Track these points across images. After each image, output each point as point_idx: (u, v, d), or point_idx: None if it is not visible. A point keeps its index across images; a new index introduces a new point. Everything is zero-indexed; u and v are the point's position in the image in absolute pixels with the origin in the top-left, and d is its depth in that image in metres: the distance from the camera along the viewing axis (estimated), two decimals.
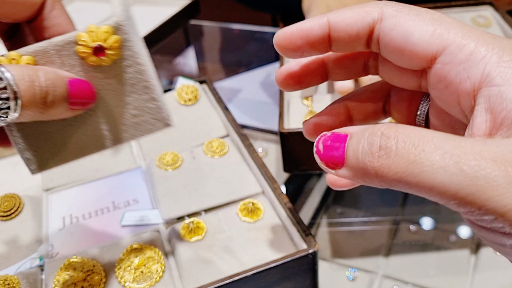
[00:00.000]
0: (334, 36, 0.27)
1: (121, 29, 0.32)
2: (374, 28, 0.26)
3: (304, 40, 0.27)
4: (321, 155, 0.24)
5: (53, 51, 0.31)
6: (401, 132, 0.21)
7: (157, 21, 0.91)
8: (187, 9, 0.97)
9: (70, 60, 0.32)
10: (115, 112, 0.34)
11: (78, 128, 0.34)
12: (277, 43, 0.28)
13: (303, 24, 0.27)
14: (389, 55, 0.26)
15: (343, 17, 0.26)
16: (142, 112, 0.34)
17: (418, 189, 0.20)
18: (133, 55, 0.32)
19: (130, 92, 0.33)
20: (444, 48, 0.23)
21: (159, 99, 0.34)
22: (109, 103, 0.33)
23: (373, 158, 0.21)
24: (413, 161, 0.20)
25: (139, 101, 0.34)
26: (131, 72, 0.33)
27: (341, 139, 0.23)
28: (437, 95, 0.25)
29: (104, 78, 0.33)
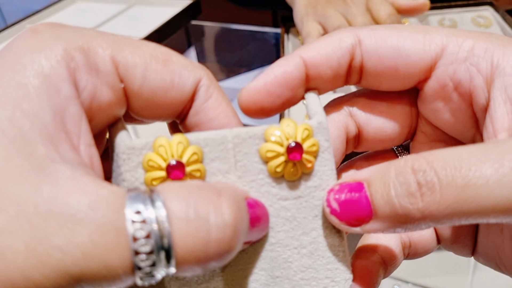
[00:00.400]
0: (313, 73, 0.24)
1: (322, 133, 0.24)
2: (354, 54, 0.24)
3: (284, 87, 0.24)
4: (339, 215, 0.21)
5: (231, 144, 0.23)
6: (434, 160, 0.18)
7: (158, 22, 0.91)
8: (188, 9, 0.97)
9: (246, 161, 0.23)
10: (281, 257, 0.24)
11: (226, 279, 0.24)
12: (247, 101, 0.24)
13: (275, 71, 0.24)
14: (377, 79, 0.24)
15: (317, 50, 0.24)
16: (317, 261, 0.24)
17: (477, 215, 0.18)
18: (326, 172, 0.24)
19: (309, 228, 0.24)
20: (442, 49, 0.22)
21: (345, 247, 0.24)
22: (277, 239, 0.24)
23: (416, 199, 0.18)
24: (463, 186, 0.17)
25: (317, 244, 0.24)
26: (319, 198, 0.24)
27: (356, 189, 0.20)
28: (436, 108, 0.24)
29: (281, 200, 0.24)
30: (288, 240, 0.24)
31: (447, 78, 0.22)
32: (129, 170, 0.22)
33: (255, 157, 0.23)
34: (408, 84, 0.24)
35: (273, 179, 0.23)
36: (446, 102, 0.23)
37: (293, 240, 0.24)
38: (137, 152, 0.22)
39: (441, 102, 0.23)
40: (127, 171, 0.22)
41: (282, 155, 0.23)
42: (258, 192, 0.23)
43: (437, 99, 0.23)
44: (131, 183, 0.22)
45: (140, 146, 0.22)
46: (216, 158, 0.23)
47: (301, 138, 0.23)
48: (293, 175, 0.23)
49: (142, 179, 0.22)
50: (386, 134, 0.26)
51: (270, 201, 0.24)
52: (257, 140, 0.23)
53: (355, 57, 0.24)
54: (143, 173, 0.22)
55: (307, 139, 0.23)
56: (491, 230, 0.25)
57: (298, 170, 0.23)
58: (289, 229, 0.24)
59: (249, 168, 0.23)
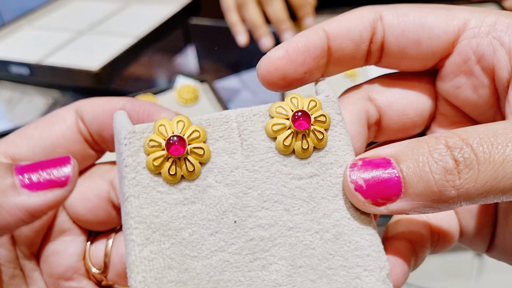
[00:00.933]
0: (335, 45, 0.23)
1: (331, 107, 0.23)
2: (376, 28, 0.23)
3: (307, 55, 0.23)
4: (365, 192, 0.20)
5: (235, 123, 0.22)
6: (469, 136, 0.18)
7: (157, 20, 0.90)
8: (187, 7, 0.97)
9: (252, 139, 0.22)
10: (301, 243, 0.21)
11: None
12: (268, 68, 0.23)
13: (296, 39, 0.23)
14: (399, 55, 0.24)
15: (340, 23, 0.23)
16: (344, 247, 0.21)
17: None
18: (341, 147, 0.22)
19: (330, 209, 0.22)
20: (464, 24, 0.22)
21: (376, 229, 0.22)
22: (295, 223, 0.22)
23: (453, 176, 0.18)
24: (502, 162, 0.17)
25: (341, 227, 0.22)
26: (337, 175, 0.22)
27: (383, 165, 0.19)
28: (457, 85, 0.23)
29: (295, 179, 0.22)
30: (307, 224, 0.21)
31: (470, 52, 0.22)
32: (131, 155, 0.22)
33: (261, 135, 0.22)
34: (430, 62, 0.24)
35: (283, 157, 0.22)
36: (468, 77, 0.23)
37: (313, 223, 0.21)
38: (138, 136, 0.22)
39: (463, 77, 0.23)
40: (129, 156, 0.22)
41: (289, 128, 0.22)
42: (269, 172, 0.22)
43: (459, 74, 0.23)
44: (133, 168, 0.21)
45: (141, 130, 0.22)
46: (220, 138, 0.22)
47: (307, 108, 0.22)
48: (304, 150, 0.22)
49: (144, 163, 0.22)
50: (409, 118, 0.25)
51: (283, 181, 0.22)
52: (262, 117, 0.22)
53: (377, 31, 0.23)
54: (144, 157, 0.22)
55: (315, 110, 0.22)
56: (510, 222, 0.24)
57: (308, 144, 0.22)
58: (307, 211, 0.22)
59: (256, 146, 0.22)
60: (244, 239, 0.21)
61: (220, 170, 0.22)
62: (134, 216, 0.21)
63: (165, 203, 0.22)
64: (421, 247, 0.25)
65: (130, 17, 0.96)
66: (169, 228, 0.21)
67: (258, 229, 0.21)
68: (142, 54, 0.86)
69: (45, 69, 0.78)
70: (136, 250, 0.21)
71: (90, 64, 0.76)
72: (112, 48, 0.81)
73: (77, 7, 1.02)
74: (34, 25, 0.94)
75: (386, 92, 0.25)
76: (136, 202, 0.21)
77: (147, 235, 0.21)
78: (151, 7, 0.99)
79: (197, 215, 0.21)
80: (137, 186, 0.21)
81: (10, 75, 0.81)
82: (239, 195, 0.22)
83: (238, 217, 0.22)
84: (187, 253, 0.21)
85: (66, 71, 0.77)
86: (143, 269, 0.21)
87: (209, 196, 0.22)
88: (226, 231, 0.21)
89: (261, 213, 0.22)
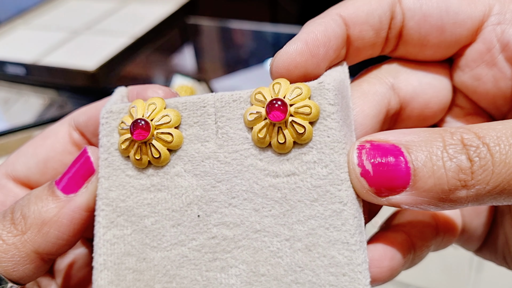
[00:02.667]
0: (355, 33, 0.21)
1: (324, 96, 0.19)
2: (394, 12, 0.21)
3: (328, 47, 0.20)
4: (371, 179, 0.18)
5: (212, 108, 0.20)
6: (486, 135, 0.17)
7: (155, 19, 0.89)
8: (185, 6, 0.96)
9: (228, 127, 0.20)
10: (267, 249, 0.19)
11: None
12: (287, 66, 0.19)
13: (314, 30, 0.20)
14: (418, 43, 0.21)
15: (356, 7, 0.21)
16: (316, 260, 0.19)
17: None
18: (329, 145, 0.19)
19: (306, 216, 0.19)
20: (489, 9, 0.21)
21: (356, 245, 0.18)
22: (263, 226, 0.19)
23: (466, 175, 0.17)
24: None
25: (316, 237, 0.19)
26: (319, 177, 0.19)
27: (392, 152, 0.18)
28: (477, 76, 0.22)
29: (269, 176, 0.19)
30: (277, 228, 0.19)
31: (494, 39, 0.21)
32: (106, 134, 0.21)
33: (239, 124, 0.20)
34: (451, 50, 0.22)
35: (260, 150, 0.19)
36: (490, 68, 0.21)
37: (284, 228, 0.19)
38: (114, 116, 0.21)
39: (484, 67, 0.21)
40: (104, 135, 0.21)
41: (265, 118, 0.19)
42: (242, 166, 0.19)
43: (481, 64, 0.21)
44: (106, 149, 0.21)
45: (118, 110, 0.21)
46: (195, 124, 0.20)
47: (289, 97, 0.19)
48: (279, 145, 0.19)
49: (116, 145, 0.21)
50: (432, 111, 0.23)
51: (256, 177, 0.19)
52: (242, 104, 0.20)
53: (395, 15, 0.21)
54: (118, 138, 0.21)
55: (298, 99, 0.19)
56: (505, 222, 0.24)
57: (285, 138, 0.19)
58: (279, 214, 0.19)
59: (231, 136, 0.20)
60: (206, 236, 0.20)
61: (191, 158, 0.20)
62: (102, 197, 0.21)
63: (132, 187, 0.21)
64: (422, 245, 0.23)
65: (127, 17, 0.95)
66: (133, 214, 0.21)
67: (222, 227, 0.20)
68: (139, 54, 0.86)
69: (41, 69, 0.78)
70: (101, 232, 0.21)
71: (86, 64, 0.76)
72: (109, 47, 0.81)
73: (73, 7, 1.02)
74: (30, 25, 0.94)
75: (412, 80, 0.22)
76: (105, 183, 0.21)
77: (112, 218, 0.21)
78: (148, 6, 0.98)
79: (161, 204, 0.20)
80: (108, 168, 0.21)
81: (6, 75, 0.80)
82: (207, 188, 0.20)
83: (203, 211, 0.20)
84: (147, 242, 0.20)
85: (62, 71, 0.76)
86: (104, 252, 0.20)
87: (175, 185, 0.20)
88: (188, 225, 0.20)
89: (228, 210, 0.20)
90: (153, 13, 0.93)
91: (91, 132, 0.24)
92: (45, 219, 0.20)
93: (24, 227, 0.20)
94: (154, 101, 0.21)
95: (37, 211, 0.20)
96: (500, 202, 0.17)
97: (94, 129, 0.24)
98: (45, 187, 0.21)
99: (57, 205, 0.20)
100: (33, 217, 0.20)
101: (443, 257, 0.54)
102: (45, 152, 0.24)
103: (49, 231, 0.20)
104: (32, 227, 0.20)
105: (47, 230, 0.20)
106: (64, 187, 0.20)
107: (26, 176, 0.24)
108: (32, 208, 0.20)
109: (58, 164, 0.24)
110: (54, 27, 0.92)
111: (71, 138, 0.24)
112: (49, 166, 0.24)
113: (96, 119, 0.23)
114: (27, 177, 0.24)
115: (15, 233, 0.20)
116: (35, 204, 0.20)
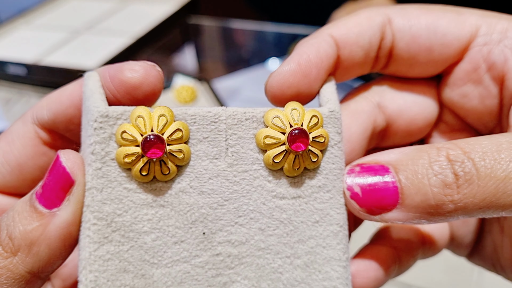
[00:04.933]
0: (345, 54, 0.22)
1: (334, 124, 0.20)
2: (384, 33, 0.22)
3: (320, 68, 0.21)
4: (360, 200, 0.19)
5: (224, 125, 0.20)
6: (471, 150, 0.17)
7: (156, 19, 0.89)
8: (186, 6, 0.96)
9: (239, 147, 0.20)
10: (269, 265, 0.20)
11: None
12: (280, 87, 0.21)
13: (306, 50, 0.21)
14: (408, 62, 0.22)
15: (347, 28, 0.21)
16: (312, 275, 0.20)
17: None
18: (333, 171, 0.20)
19: (307, 236, 0.20)
20: (476, 30, 0.21)
21: (348, 262, 0.21)
22: (267, 244, 0.20)
23: (452, 190, 0.17)
24: (504, 178, 0.16)
25: (314, 255, 0.20)
26: (322, 201, 0.20)
27: (381, 172, 0.19)
28: (464, 93, 0.22)
29: (276, 198, 0.20)
30: (280, 247, 0.20)
31: (481, 59, 0.21)
32: (100, 142, 0.19)
33: (250, 144, 0.20)
34: (438, 69, 0.23)
35: (269, 172, 0.20)
36: (476, 86, 0.22)
37: (286, 247, 0.20)
38: (111, 122, 0.19)
39: (471, 86, 0.22)
40: (98, 142, 0.19)
41: (283, 144, 0.19)
42: (251, 186, 0.20)
43: (468, 82, 0.22)
44: (100, 158, 0.19)
45: (115, 115, 0.19)
46: (204, 140, 0.20)
47: (307, 125, 0.19)
48: (294, 170, 0.20)
49: (113, 154, 0.19)
50: (418, 127, 0.24)
51: (264, 197, 0.20)
52: (255, 124, 0.20)
53: (386, 36, 0.22)
54: (115, 147, 0.19)
55: (315, 128, 0.20)
56: (493, 229, 0.24)
57: (300, 164, 0.20)
58: (282, 234, 0.20)
59: (242, 155, 0.20)
60: (210, 253, 0.20)
61: (198, 175, 0.20)
62: (94, 210, 0.19)
63: (131, 202, 0.19)
64: (408, 255, 0.24)
65: (128, 17, 0.95)
66: (131, 229, 0.19)
67: (227, 245, 0.20)
68: (140, 54, 0.86)
69: (42, 69, 0.78)
70: (91, 247, 0.19)
71: (87, 63, 0.76)
72: (110, 47, 0.81)
73: (74, 7, 1.02)
74: (31, 25, 0.94)
75: (397, 99, 0.23)
76: (98, 196, 0.19)
77: (105, 233, 0.19)
78: (149, 6, 0.98)
79: (164, 220, 0.20)
80: (101, 179, 0.19)
81: (7, 75, 0.80)
82: (214, 206, 0.20)
83: (208, 229, 0.20)
84: (146, 258, 0.19)
85: (63, 71, 0.76)
86: (96, 268, 0.19)
87: (180, 202, 0.20)
88: (192, 242, 0.20)
89: (234, 229, 0.20)
90: (154, 13, 0.92)
91: (61, 129, 0.23)
92: (33, 239, 0.18)
93: (13, 248, 0.18)
94: (164, 112, 0.19)
95: (23, 231, 0.18)
96: (489, 215, 0.17)
97: (65, 125, 0.22)
98: (27, 202, 0.19)
99: (42, 222, 0.18)
100: (20, 238, 0.18)
101: (446, 257, 0.54)
102: (16, 159, 0.22)
103: (39, 250, 0.19)
104: (21, 249, 0.18)
105: (37, 249, 0.18)
106: (45, 201, 0.19)
107: (3, 185, 0.23)
108: (17, 228, 0.18)
109: (33, 168, 0.23)
110: (55, 27, 0.92)
111: (39, 137, 0.22)
112: (25, 172, 0.22)
113: (64, 114, 0.21)
114: (4, 186, 0.23)
115: (5, 255, 0.18)
116: (19, 222, 0.19)
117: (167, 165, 0.19)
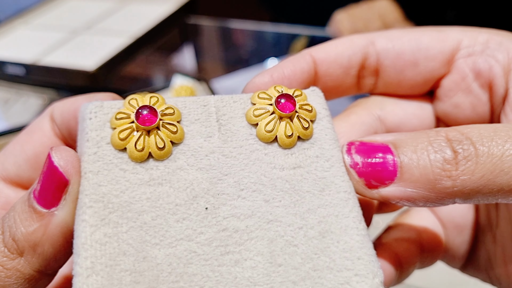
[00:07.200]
0: (322, 70, 0.23)
1: (318, 101, 0.22)
2: (368, 53, 0.23)
3: (292, 80, 0.23)
4: (360, 170, 0.20)
5: (213, 107, 0.21)
6: (469, 131, 0.18)
7: (154, 19, 0.89)
8: (185, 6, 0.96)
9: (231, 125, 0.20)
10: (282, 238, 0.19)
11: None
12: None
13: (282, 65, 0.23)
14: (396, 79, 0.24)
15: (328, 49, 0.23)
16: (330, 246, 0.19)
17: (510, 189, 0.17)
18: (327, 142, 0.21)
19: (316, 205, 0.20)
20: (458, 43, 0.23)
21: (364, 229, 0.20)
22: (275, 216, 0.19)
23: (451, 166, 0.18)
24: (501, 155, 0.17)
25: (328, 224, 0.19)
26: (323, 169, 0.20)
27: (382, 150, 0.19)
28: (456, 103, 0.24)
29: (276, 169, 0.20)
30: (289, 218, 0.19)
31: (467, 69, 0.23)
32: (95, 129, 0.20)
33: (241, 121, 0.20)
34: (428, 84, 0.24)
35: (264, 145, 0.20)
36: (467, 95, 0.23)
37: (296, 218, 0.19)
38: (105, 110, 0.20)
39: (461, 95, 0.23)
40: (92, 130, 0.19)
41: (272, 113, 0.20)
42: (248, 160, 0.20)
43: (458, 92, 0.23)
44: (95, 143, 0.19)
45: (109, 105, 0.20)
46: (196, 121, 0.20)
47: (292, 94, 0.21)
48: (287, 137, 0.20)
49: (108, 138, 0.19)
50: None
51: (263, 170, 0.20)
52: (243, 105, 0.21)
53: (369, 56, 0.23)
54: (110, 132, 0.19)
55: (300, 99, 0.21)
56: (486, 239, 0.25)
57: (292, 131, 0.20)
58: (289, 204, 0.19)
59: (235, 132, 0.20)
60: (215, 228, 0.19)
61: (194, 153, 0.20)
62: (89, 193, 0.19)
63: (128, 182, 0.19)
64: (408, 263, 0.24)
65: (126, 16, 0.95)
66: (129, 209, 0.19)
67: (232, 219, 0.19)
68: (139, 54, 0.86)
69: (41, 69, 0.78)
70: (88, 231, 0.18)
71: (86, 64, 0.76)
72: (109, 47, 0.81)
73: (73, 7, 1.01)
74: (30, 25, 0.93)
75: (397, 111, 0.24)
76: (94, 178, 0.19)
77: (102, 215, 0.18)
78: (148, 6, 0.98)
79: (163, 198, 0.19)
80: (97, 162, 0.19)
81: (6, 75, 0.80)
82: (213, 181, 0.19)
83: (211, 204, 0.19)
84: (147, 239, 0.18)
85: (62, 71, 0.76)
86: (92, 254, 0.18)
87: (178, 179, 0.19)
88: (195, 219, 0.19)
89: (237, 202, 0.19)
90: (153, 13, 0.92)
91: (66, 134, 0.24)
92: (36, 240, 0.19)
93: (18, 249, 0.19)
94: (155, 94, 0.20)
95: (25, 233, 0.19)
96: (487, 199, 0.18)
97: (67, 133, 0.23)
98: (25, 202, 0.19)
99: (42, 223, 0.19)
100: (23, 240, 0.19)
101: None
102: (34, 148, 0.23)
103: (44, 250, 0.19)
104: (26, 250, 0.19)
105: (41, 250, 0.19)
106: (43, 201, 0.19)
107: (17, 175, 0.23)
108: (19, 230, 0.19)
109: None
110: (54, 27, 0.92)
111: (54, 132, 0.23)
112: (40, 161, 0.23)
113: (68, 122, 0.23)
114: (18, 176, 0.23)
115: (12, 256, 0.19)
116: (20, 224, 0.19)
117: (162, 138, 0.19)
